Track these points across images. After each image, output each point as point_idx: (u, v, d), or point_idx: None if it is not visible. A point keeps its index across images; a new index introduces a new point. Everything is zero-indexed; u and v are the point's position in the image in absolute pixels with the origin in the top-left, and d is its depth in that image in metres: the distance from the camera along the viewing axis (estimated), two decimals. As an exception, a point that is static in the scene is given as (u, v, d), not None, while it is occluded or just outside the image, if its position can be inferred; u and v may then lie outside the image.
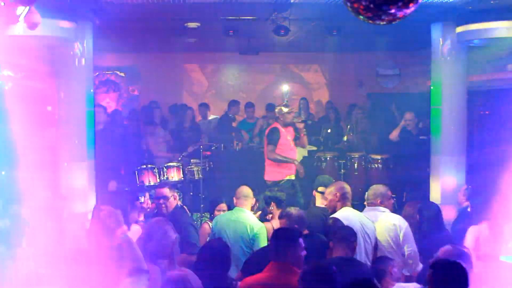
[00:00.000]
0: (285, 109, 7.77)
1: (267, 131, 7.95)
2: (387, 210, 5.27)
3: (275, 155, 7.57)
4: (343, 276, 3.84)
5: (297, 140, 7.90)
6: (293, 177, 7.61)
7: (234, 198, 5.69)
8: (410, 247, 4.98)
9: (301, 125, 7.89)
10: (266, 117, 10.51)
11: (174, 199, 5.40)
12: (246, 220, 5.39)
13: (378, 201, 5.29)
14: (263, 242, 5.30)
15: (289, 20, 8.22)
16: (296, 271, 3.67)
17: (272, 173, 7.64)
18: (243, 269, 4.60)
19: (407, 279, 4.79)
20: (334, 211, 5.11)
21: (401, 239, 5.01)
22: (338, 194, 5.10)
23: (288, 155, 7.64)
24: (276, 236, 3.99)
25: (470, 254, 4.04)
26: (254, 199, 5.72)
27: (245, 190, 5.62)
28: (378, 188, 5.43)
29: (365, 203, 5.46)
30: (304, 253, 3.88)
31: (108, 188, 8.17)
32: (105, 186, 8.19)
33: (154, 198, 5.31)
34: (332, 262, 4.15)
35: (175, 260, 4.05)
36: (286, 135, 7.72)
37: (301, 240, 3.91)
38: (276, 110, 7.96)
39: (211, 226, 5.64)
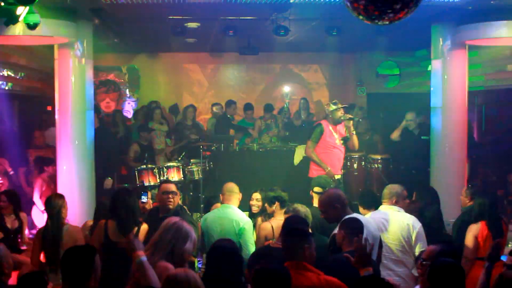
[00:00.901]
0: (333, 106, 7.59)
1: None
2: (402, 210, 5.28)
3: (311, 153, 7.47)
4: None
5: (347, 141, 7.63)
6: (337, 177, 7.49)
7: (220, 195, 5.70)
8: (423, 248, 4.97)
9: (349, 123, 7.57)
10: (264, 117, 10.50)
11: (178, 196, 5.37)
12: (233, 216, 5.42)
13: (394, 201, 5.30)
14: (249, 237, 5.33)
15: (289, 20, 8.21)
16: (311, 269, 3.69)
17: (313, 171, 7.52)
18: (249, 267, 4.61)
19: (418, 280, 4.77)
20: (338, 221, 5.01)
21: (413, 239, 5.01)
22: (338, 205, 4.98)
23: (329, 155, 7.50)
24: (291, 235, 3.95)
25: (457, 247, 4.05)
26: (240, 194, 5.66)
27: (229, 185, 5.61)
28: (393, 188, 5.42)
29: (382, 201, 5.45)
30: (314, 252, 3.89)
31: (104, 185, 8.14)
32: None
33: (161, 193, 5.22)
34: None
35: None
36: (333, 133, 7.56)
37: (312, 238, 3.92)
38: (325, 107, 7.80)
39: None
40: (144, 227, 5.06)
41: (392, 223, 5.08)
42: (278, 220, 5.52)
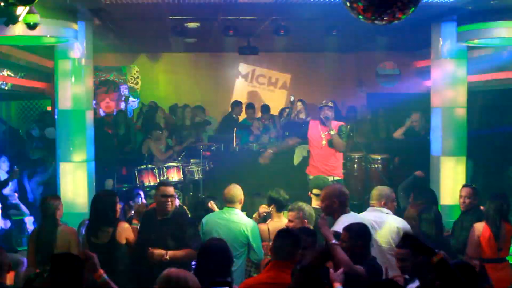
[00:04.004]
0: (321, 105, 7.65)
1: None
2: (391, 212, 5.27)
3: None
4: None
5: (331, 142, 7.51)
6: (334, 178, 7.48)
7: (223, 198, 5.64)
8: None
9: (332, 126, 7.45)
10: (262, 118, 10.50)
11: (175, 199, 5.33)
12: (239, 220, 5.36)
13: (382, 203, 5.27)
14: (257, 240, 5.31)
15: (289, 20, 8.22)
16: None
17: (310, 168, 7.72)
18: None
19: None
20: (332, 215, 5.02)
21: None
22: (336, 201, 5.00)
23: (315, 155, 7.63)
24: (278, 236, 4.06)
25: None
26: (243, 197, 5.60)
27: (233, 191, 5.51)
28: (383, 190, 5.40)
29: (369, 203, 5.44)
30: (300, 251, 3.96)
31: (105, 187, 8.15)
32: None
33: (160, 196, 5.19)
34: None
35: None
36: (319, 133, 7.56)
37: (299, 239, 4.00)
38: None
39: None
40: (124, 226, 5.10)
41: (383, 225, 5.08)
42: (275, 222, 5.54)
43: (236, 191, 5.52)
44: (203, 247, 4.14)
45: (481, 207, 5.79)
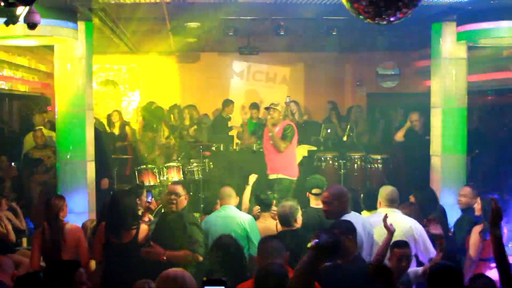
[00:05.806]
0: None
1: None
2: (400, 212, 5.27)
3: None
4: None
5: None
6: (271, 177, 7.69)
7: (218, 200, 5.73)
8: (430, 247, 4.98)
9: (272, 126, 7.75)
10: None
11: (185, 199, 5.31)
12: (236, 214, 5.46)
13: (395, 205, 5.28)
14: (256, 234, 5.32)
15: (288, 20, 8.22)
16: (289, 270, 3.73)
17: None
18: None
19: None
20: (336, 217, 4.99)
21: (417, 240, 4.97)
22: (346, 200, 4.97)
23: (265, 154, 7.96)
24: (263, 241, 4.12)
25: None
26: (238, 198, 5.72)
27: (227, 190, 5.63)
28: (393, 191, 5.35)
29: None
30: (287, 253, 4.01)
31: (101, 186, 8.13)
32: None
33: (165, 194, 5.21)
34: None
35: None
36: (267, 134, 7.86)
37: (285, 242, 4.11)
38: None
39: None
40: (144, 227, 5.08)
41: (394, 225, 5.06)
42: (260, 222, 5.66)
43: (230, 189, 5.67)
44: (216, 246, 4.21)
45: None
